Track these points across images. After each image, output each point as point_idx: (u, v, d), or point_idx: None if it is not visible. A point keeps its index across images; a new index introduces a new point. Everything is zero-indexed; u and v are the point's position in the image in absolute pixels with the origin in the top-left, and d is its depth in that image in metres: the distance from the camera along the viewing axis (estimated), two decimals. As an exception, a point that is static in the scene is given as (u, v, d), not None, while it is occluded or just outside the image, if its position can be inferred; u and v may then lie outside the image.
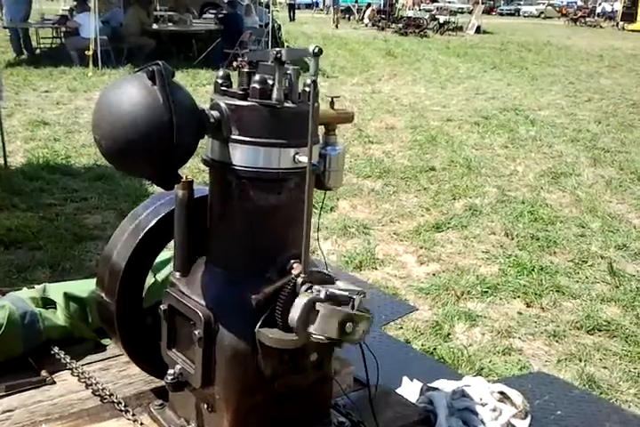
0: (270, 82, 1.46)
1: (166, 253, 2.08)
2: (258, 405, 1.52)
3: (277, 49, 1.45)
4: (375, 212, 5.13)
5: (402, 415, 1.84)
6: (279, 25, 17.74)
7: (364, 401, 1.77)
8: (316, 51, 1.40)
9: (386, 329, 3.25)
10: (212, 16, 16.01)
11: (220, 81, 1.56)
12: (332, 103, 1.75)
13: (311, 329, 1.42)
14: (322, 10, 45.78)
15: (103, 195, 5.05)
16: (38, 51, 14.59)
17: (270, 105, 1.46)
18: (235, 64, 1.62)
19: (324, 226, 4.60)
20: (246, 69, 1.55)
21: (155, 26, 13.81)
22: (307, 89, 1.51)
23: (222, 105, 1.48)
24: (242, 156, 1.49)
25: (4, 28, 13.86)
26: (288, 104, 1.47)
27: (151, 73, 1.37)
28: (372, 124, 8.43)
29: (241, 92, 1.49)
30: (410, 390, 2.11)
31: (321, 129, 1.64)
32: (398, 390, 2.07)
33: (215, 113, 1.48)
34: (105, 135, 1.39)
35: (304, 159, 1.47)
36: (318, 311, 1.42)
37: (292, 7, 33.42)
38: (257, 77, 1.48)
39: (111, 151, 1.40)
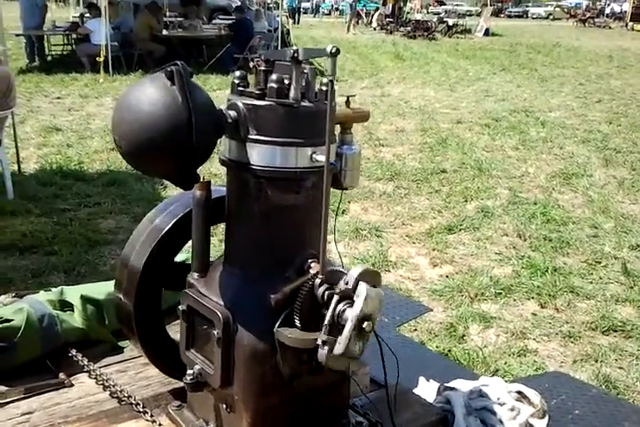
0: (287, 81, 1.47)
1: (182, 255, 2.09)
2: (277, 405, 1.51)
3: (295, 48, 1.46)
4: (387, 214, 5.13)
5: (420, 415, 1.83)
6: (288, 29, 17.78)
7: (382, 401, 1.77)
8: (334, 51, 1.40)
9: (400, 331, 3.25)
10: (222, 21, 16.09)
11: (236, 81, 1.56)
12: (347, 102, 1.75)
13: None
14: (328, 13, 45.83)
15: (116, 200, 5.07)
16: (50, 57, 14.68)
17: (287, 104, 1.46)
18: (251, 64, 1.62)
19: (337, 229, 4.60)
20: (263, 68, 1.55)
21: (165, 32, 13.86)
22: (323, 88, 1.51)
23: (240, 105, 1.48)
24: (259, 155, 1.49)
25: (17, 35, 13.95)
26: (305, 103, 1.47)
27: (170, 73, 1.37)
28: (383, 127, 8.43)
29: (258, 92, 1.49)
30: (427, 390, 2.10)
31: (337, 128, 1.64)
32: (415, 391, 2.06)
33: (232, 113, 1.48)
34: (124, 135, 1.39)
35: (321, 158, 1.47)
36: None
37: (294, 11, 33.19)
38: (274, 77, 1.48)
39: (130, 151, 1.40)
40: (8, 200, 4.96)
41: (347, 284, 1.43)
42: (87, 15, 14.70)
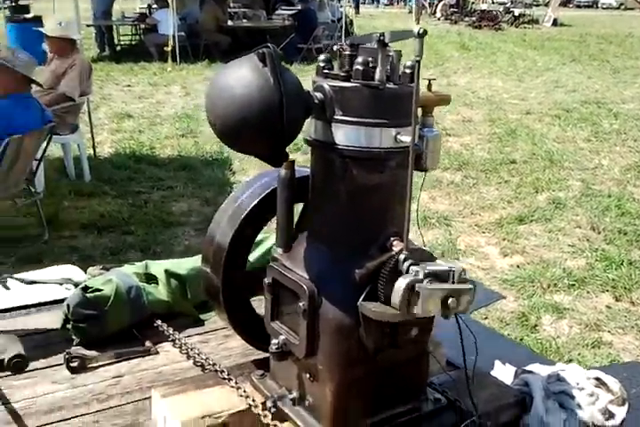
0: (372, 64, 1.49)
1: (259, 235, 2.14)
2: (360, 377, 1.54)
3: (381, 31, 1.48)
4: (455, 203, 5.09)
5: (497, 396, 1.83)
6: (351, 20, 17.72)
7: (459, 382, 1.78)
8: (421, 32, 1.41)
9: (473, 316, 3.24)
10: (285, 12, 16.18)
11: (321, 64, 1.60)
12: (429, 85, 1.77)
13: (414, 310, 1.43)
14: (389, 4, 45.36)
15: (188, 184, 5.21)
16: (119, 47, 15.06)
17: (373, 86, 1.48)
18: (335, 48, 1.65)
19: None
20: (348, 52, 1.57)
21: (230, 22, 14.04)
22: (407, 71, 1.53)
23: (326, 86, 1.51)
24: (345, 135, 1.51)
25: (88, 26, 14.37)
26: (390, 85, 1.49)
27: (262, 55, 1.41)
28: (449, 117, 8.34)
29: (343, 74, 1.52)
30: (503, 373, 2.09)
31: (418, 111, 1.65)
32: (492, 373, 2.06)
33: (319, 94, 1.51)
34: (219, 116, 1.43)
35: (405, 139, 1.49)
36: (419, 292, 1.43)
37: (356, 1, 32.66)
38: (360, 59, 1.50)
39: (225, 131, 1.44)
40: (86, 182, 5.18)
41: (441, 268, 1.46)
42: (154, 6, 15.02)
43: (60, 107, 5.00)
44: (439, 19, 30.63)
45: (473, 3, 32.70)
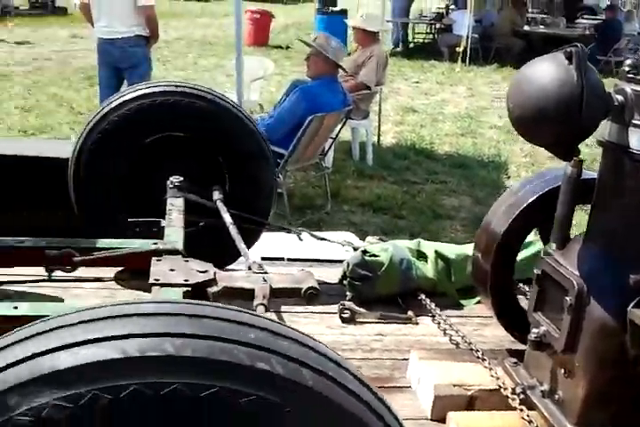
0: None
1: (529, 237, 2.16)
2: (618, 382, 1.53)
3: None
4: None
5: None
6: (666, 32, 16.12)
7: None
8: None
9: None
10: (587, 21, 15.39)
11: (626, 69, 1.60)
12: None
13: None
14: None
15: (461, 181, 5.34)
16: (412, 44, 15.58)
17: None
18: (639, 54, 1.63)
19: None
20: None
21: (526, 27, 13.76)
22: None
23: (628, 90, 1.52)
24: (640, 140, 1.50)
25: (387, 21, 15.08)
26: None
27: (569, 53, 1.48)
28: None
29: (649, 80, 1.50)
30: None
31: None
32: None
33: (620, 97, 1.53)
34: (518, 104, 1.54)
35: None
36: None
37: None
38: (666, 67, 1.48)
39: (521, 118, 1.54)
40: (368, 166, 5.62)
41: None
42: (452, 7, 15.26)
43: (356, 93, 5.44)
44: None
45: None
